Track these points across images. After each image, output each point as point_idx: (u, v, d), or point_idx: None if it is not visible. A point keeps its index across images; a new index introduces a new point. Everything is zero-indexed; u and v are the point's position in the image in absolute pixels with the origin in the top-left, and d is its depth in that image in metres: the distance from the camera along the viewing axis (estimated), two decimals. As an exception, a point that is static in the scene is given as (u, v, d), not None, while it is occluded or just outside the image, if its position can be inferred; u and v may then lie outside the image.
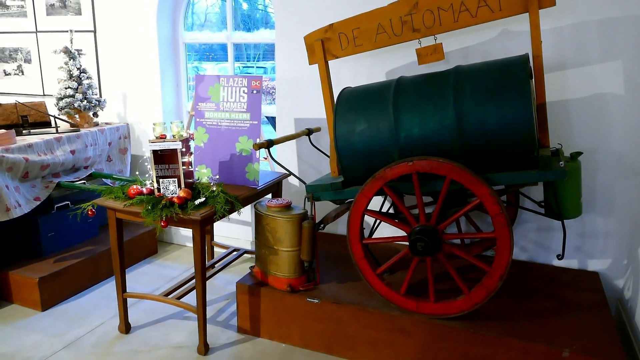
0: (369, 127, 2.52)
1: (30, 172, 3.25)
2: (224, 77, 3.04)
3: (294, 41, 3.46)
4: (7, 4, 4.46)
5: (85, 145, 3.65)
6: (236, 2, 15.62)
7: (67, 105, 3.74)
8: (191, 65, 13.89)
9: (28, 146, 3.26)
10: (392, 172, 2.40)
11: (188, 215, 2.51)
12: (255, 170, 2.99)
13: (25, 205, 3.20)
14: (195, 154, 3.10)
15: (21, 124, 3.74)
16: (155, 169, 2.67)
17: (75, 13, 4.18)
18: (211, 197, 2.67)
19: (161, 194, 2.68)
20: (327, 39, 2.82)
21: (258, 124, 2.98)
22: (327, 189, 2.69)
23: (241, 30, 3.94)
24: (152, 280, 3.66)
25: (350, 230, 2.56)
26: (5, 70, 4.67)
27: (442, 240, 2.40)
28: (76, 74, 3.74)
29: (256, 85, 2.98)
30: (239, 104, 3.00)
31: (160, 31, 3.95)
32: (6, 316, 3.16)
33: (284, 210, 2.76)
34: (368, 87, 2.67)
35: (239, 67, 14.93)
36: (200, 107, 3.08)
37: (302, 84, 3.54)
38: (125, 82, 4.17)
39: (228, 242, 4.06)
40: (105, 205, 2.73)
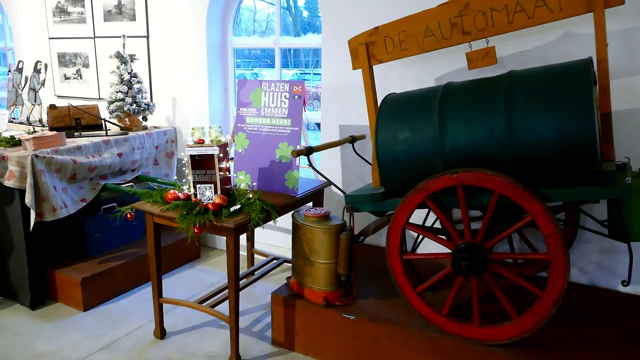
0: (412, 135, 2.37)
1: (78, 174, 3.32)
2: (265, 81, 2.97)
3: (340, 45, 3.36)
4: (68, 10, 4.64)
5: (132, 148, 3.70)
6: (297, 9, 15.40)
7: (117, 108, 3.82)
8: (250, 72, 13.97)
9: (77, 148, 3.33)
10: (436, 184, 2.24)
11: (222, 222, 2.46)
12: (295, 178, 2.90)
13: (72, 206, 3.27)
14: (235, 159, 3.05)
15: (74, 126, 3.85)
16: (193, 174, 2.63)
17: (130, 19, 4.27)
18: (247, 205, 2.60)
19: (197, 200, 2.64)
20: (371, 43, 2.70)
21: (299, 130, 2.89)
22: (366, 200, 2.56)
23: (295, 36, 3.88)
24: (192, 285, 3.64)
25: (389, 245, 2.41)
26: (66, 75, 4.85)
27: (489, 260, 2.21)
28: (127, 78, 3.81)
29: (298, 91, 2.89)
30: (280, 110, 2.92)
31: (209, 36, 3.96)
32: (50, 314, 3.23)
33: (322, 221, 2.65)
34: (413, 94, 2.53)
35: (297, 73, 15.02)
36: (241, 112, 3.03)
37: (348, 89, 3.42)
38: (174, 87, 4.22)
39: (270, 250, 4.00)
40: (143, 210, 2.72)
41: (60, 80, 4.91)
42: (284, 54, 3.91)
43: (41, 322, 3.12)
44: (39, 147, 3.15)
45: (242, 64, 14.44)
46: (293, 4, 14.44)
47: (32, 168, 3.02)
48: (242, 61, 14.50)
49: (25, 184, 3.02)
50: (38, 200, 3.07)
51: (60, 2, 4.66)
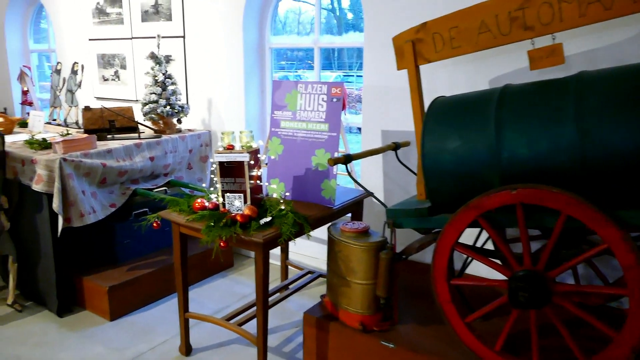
0: (463, 144, 2.09)
1: (107, 178, 3.20)
2: (302, 83, 2.76)
3: (384, 44, 3.10)
4: (107, 11, 4.58)
5: (164, 152, 3.56)
6: (341, 11, 15.10)
7: (151, 110, 3.69)
8: (294, 74, 13.79)
9: (107, 152, 3.21)
10: (490, 201, 1.95)
11: (250, 236, 2.25)
12: (332, 187, 2.67)
13: (100, 211, 3.15)
14: (269, 166, 2.85)
15: (108, 128, 3.75)
16: (221, 182, 2.44)
17: (167, 19, 4.16)
18: (278, 217, 2.38)
19: (226, 210, 2.45)
20: (418, 40, 2.43)
21: (336, 136, 2.65)
22: (410, 215, 2.29)
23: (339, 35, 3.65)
24: (223, 296, 3.47)
25: (435, 267, 2.14)
26: (104, 76, 4.80)
27: (552, 291, 1.90)
28: (161, 80, 3.68)
29: (336, 93, 2.66)
30: (317, 114, 2.70)
31: (245, 36, 3.79)
32: (77, 323, 3.12)
33: (360, 237, 2.40)
34: (465, 97, 2.24)
35: (340, 75, 14.76)
36: (275, 116, 2.83)
37: (392, 92, 3.16)
38: (210, 88, 4.07)
39: (306, 261, 3.78)
40: (168, 219, 2.55)
41: (99, 82, 4.86)
42: (327, 55, 3.69)
43: (66, 332, 3.01)
44: (68, 150, 3.05)
45: (287, 67, 14.33)
46: (337, 5, 14.24)
47: (60, 172, 2.92)
48: (287, 63, 14.39)
49: (53, 188, 2.92)
50: (66, 206, 2.96)
51: (100, 3, 4.61)
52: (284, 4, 3.50)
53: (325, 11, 14.90)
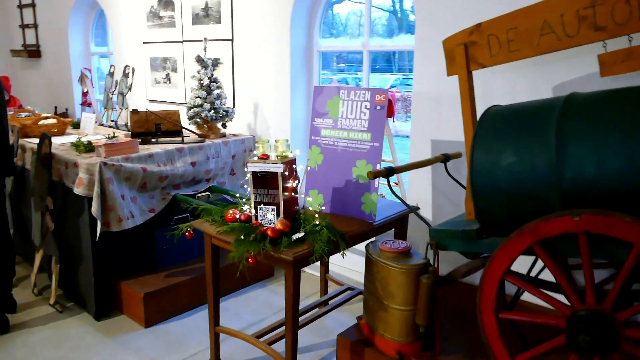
0: (519, 160, 1.84)
1: (148, 183, 3.17)
2: (344, 88, 2.58)
3: (436, 46, 2.87)
4: (160, 15, 4.60)
5: (207, 157, 3.49)
6: (403, 12, 14.81)
7: (195, 114, 3.64)
8: (351, 77, 13.57)
9: (148, 156, 3.17)
10: (549, 227, 1.70)
11: (279, 253, 2.10)
12: (373, 201, 2.48)
13: (139, 216, 3.11)
14: (308, 176, 2.69)
15: (154, 132, 3.74)
16: (254, 193, 2.31)
17: (216, 22, 4.11)
18: (312, 233, 2.22)
19: (258, 223, 2.32)
20: (472, 43, 2.20)
21: (379, 146, 2.46)
22: (456, 237, 2.07)
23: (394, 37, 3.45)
24: (260, 308, 3.35)
25: (482, 298, 1.90)
26: (156, 79, 4.83)
27: (620, 337, 1.62)
28: (206, 83, 3.62)
29: (380, 100, 2.47)
30: (360, 122, 2.52)
31: (293, 38, 3.66)
32: (112, 328, 3.09)
33: (400, 258, 2.20)
34: (523, 106, 1.99)
35: (399, 78, 14.39)
36: (316, 123, 2.67)
37: (443, 99, 2.93)
38: (256, 92, 3.97)
39: (348, 274, 3.61)
40: (200, 229, 2.45)
41: (151, 85, 4.91)
42: (388, 58, 3.50)
43: (102, 337, 2.99)
44: (110, 154, 3.04)
45: (347, 69, 14.12)
46: (399, 7, 13.91)
47: (100, 176, 2.90)
48: (347, 66, 14.18)
49: (93, 192, 2.91)
50: (104, 210, 2.94)
51: (154, 7, 4.64)
52: (346, 5, 3.30)
53: (387, 13, 14.60)
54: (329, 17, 8.33)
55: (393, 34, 13.48)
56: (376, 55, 3.47)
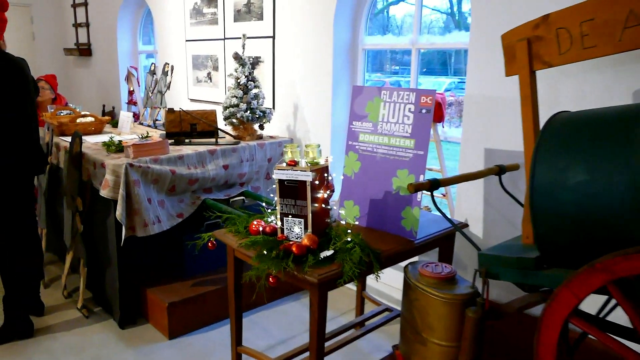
0: (591, 179, 1.52)
1: (177, 186, 3.01)
2: (386, 89, 2.31)
3: (493, 44, 2.55)
4: (203, 11, 4.48)
5: (240, 160, 3.31)
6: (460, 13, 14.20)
7: (231, 115, 3.46)
8: (405, 80, 13.26)
9: (178, 158, 3.02)
10: (630, 264, 1.37)
11: (303, 273, 1.86)
12: (414, 217, 2.19)
13: (166, 221, 2.96)
14: (343, 185, 2.44)
15: (189, 132, 3.60)
16: (280, 203, 2.08)
17: (258, 18, 3.92)
18: (343, 251, 1.97)
19: (284, 237, 2.09)
20: (537, 39, 1.88)
21: (424, 155, 2.17)
22: (510, 265, 1.76)
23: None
24: (291, 323, 3.12)
25: (540, 342, 1.58)
26: (198, 78, 4.72)
27: None
28: (243, 82, 3.44)
29: (426, 103, 2.18)
30: (402, 127, 2.24)
31: (336, 35, 3.42)
32: (136, 338, 2.95)
33: (443, 285, 1.91)
34: (597, 114, 1.66)
35: (454, 81, 13.83)
36: (354, 127, 2.41)
37: (499, 103, 2.60)
38: (297, 92, 3.76)
39: (387, 291, 3.32)
40: (222, 240, 2.25)
41: (193, 83, 4.79)
42: (444, 60, 3.20)
43: (123, 346, 2.85)
44: (139, 155, 2.90)
45: (400, 71, 13.73)
46: (457, 8, 13.39)
47: (126, 178, 2.76)
48: (401, 68, 13.79)
49: (118, 194, 2.77)
50: (130, 214, 2.80)
51: (197, 3, 4.52)
52: (402, 7, 3.01)
53: (444, 15, 14.07)
54: (384, 19, 7.96)
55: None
56: (431, 57, 3.17)
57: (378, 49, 3.50)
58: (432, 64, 16.44)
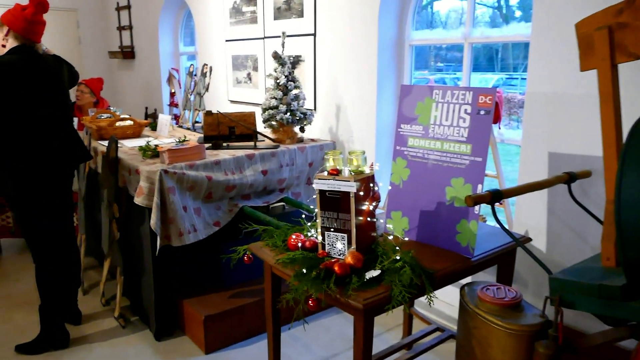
0: (699, 195, 1.24)
1: (214, 193, 2.87)
2: (439, 88, 2.08)
3: (560, 35, 2.27)
4: (243, 10, 4.34)
5: (280, 165, 3.14)
6: (508, 7, 13.73)
7: (270, 117, 3.30)
8: (450, 77, 12.70)
9: (215, 163, 2.87)
10: None
11: (346, 297, 1.65)
12: (471, 232, 1.95)
13: (202, 230, 2.82)
14: (390, 195, 2.22)
15: (228, 135, 3.46)
16: (322, 216, 1.89)
17: (298, 15, 3.75)
18: (391, 271, 1.75)
19: (325, 253, 1.89)
20: (620, 26, 1.60)
21: (482, 162, 1.93)
22: (590, 293, 1.50)
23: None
24: (333, 339, 2.93)
25: (631, 390, 1.32)
26: (237, 78, 4.59)
27: None
28: (283, 82, 3.26)
29: (486, 103, 1.93)
30: (457, 130, 2.00)
31: (381, 31, 3.19)
32: (171, 351, 2.83)
33: (507, 313, 1.66)
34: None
35: (502, 78, 13.21)
36: (402, 130, 2.19)
37: (568, 101, 2.31)
38: (339, 93, 3.55)
39: (440, 308, 3.07)
40: (258, 255, 2.07)
41: (232, 84, 4.67)
42: (490, 56, 2.95)
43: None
44: (174, 161, 2.77)
45: (445, 68, 13.24)
46: (504, 1, 12.79)
47: (160, 185, 2.64)
48: (446, 65, 13.29)
49: (153, 202, 2.65)
50: (165, 222, 2.68)
51: (237, 2, 4.39)
52: (446, 3, 2.77)
53: (490, 10, 13.47)
54: (428, 15, 7.61)
55: (496, 30, 12.37)
56: (477, 53, 2.92)
57: (426, 44, 3.25)
58: (478, 59, 15.78)
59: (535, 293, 2.56)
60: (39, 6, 2.54)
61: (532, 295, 2.56)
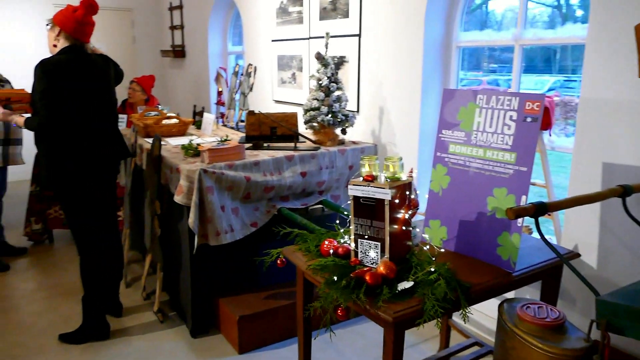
0: None
1: (252, 193, 2.87)
2: (483, 93, 1.98)
3: (618, 39, 2.11)
4: (289, 10, 4.34)
5: (319, 167, 3.10)
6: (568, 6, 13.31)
7: (311, 118, 3.27)
8: (504, 78, 12.35)
9: (254, 164, 2.87)
10: None
11: (376, 308, 1.60)
12: (513, 245, 1.85)
13: (239, 230, 2.83)
14: (429, 203, 2.14)
15: (269, 136, 3.46)
16: (355, 223, 1.84)
17: (343, 15, 3.70)
18: (425, 283, 1.68)
19: (358, 261, 1.84)
20: (685, 29, 1.47)
21: (527, 172, 1.82)
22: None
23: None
24: (367, 346, 2.87)
25: None
26: (282, 78, 4.60)
27: None
28: (325, 84, 3.23)
29: (533, 110, 1.82)
30: (501, 137, 1.90)
31: (427, 31, 3.10)
32: (206, 349, 2.85)
33: (548, 334, 1.56)
34: None
35: (560, 79, 12.63)
36: (443, 136, 2.11)
37: (624, 108, 2.16)
38: (383, 95, 3.48)
39: (479, 319, 2.95)
40: (290, 260, 2.05)
41: (277, 84, 4.68)
42: (547, 57, 2.83)
43: (193, 358, 2.76)
44: (214, 160, 2.79)
45: (499, 69, 12.81)
46: (564, 1, 12.26)
47: (199, 184, 2.66)
48: (499, 66, 12.85)
49: (191, 201, 2.68)
50: (203, 222, 2.70)
51: (283, 2, 4.39)
52: (502, 2, 2.62)
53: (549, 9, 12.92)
54: (483, 14, 7.38)
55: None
56: (534, 54, 2.77)
57: (475, 46, 3.13)
58: (534, 60, 15.15)
59: (583, 312, 2.41)
60: (89, 8, 2.61)
61: (580, 314, 2.41)
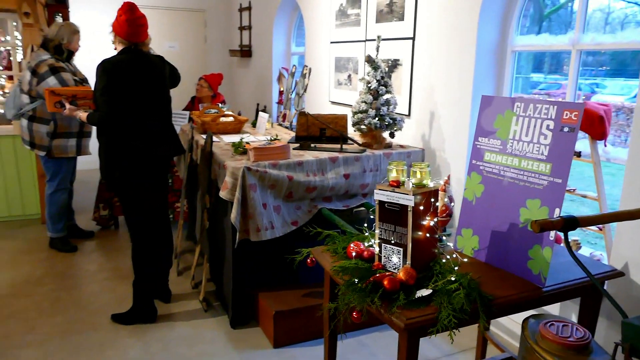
0: None
1: (294, 193, 2.93)
2: (520, 101, 1.92)
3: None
4: (348, 13, 4.37)
5: (363, 169, 3.11)
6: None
7: (359, 121, 3.29)
8: (587, 82, 11.69)
9: (297, 164, 2.94)
10: None
11: (390, 313, 1.60)
12: (544, 258, 1.78)
13: (280, 228, 2.90)
14: (462, 211, 2.10)
15: (318, 137, 3.52)
16: (380, 227, 1.85)
17: (399, 18, 3.68)
18: (443, 292, 1.66)
19: (380, 265, 1.85)
20: None
21: (562, 184, 1.75)
22: (666, 348, 1.29)
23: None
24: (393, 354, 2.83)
25: None
26: (339, 80, 4.64)
27: None
28: (374, 87, 3.23)
29: (570, 120, 1.74)
30: (537, 147, 1.83)
31: (481, 35, 3.02)
32: (244, 340, 2.95)
33: (570, 355, 1.49)
34: None
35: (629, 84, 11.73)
36: (479, 144, 2.06)
37: (684, 121, 2.00)
38: (434, 99, 3.43)
39: (515, 328, 2.84)
40: (318, 260, 2.08)
41: (334, 86, 4.73)
42: (622, 59, 2.72)
43: (231, 348, 2.87)
44: (259, 159, 2.88)
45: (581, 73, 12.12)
46: (658, 1, 11.37)
47: (243, 181, 2.76)
48: (583, 69, 12.16)
49: (235, 197, 2.78)
50: (244, 217, 2.80)
51: (343, 4, 4.43)
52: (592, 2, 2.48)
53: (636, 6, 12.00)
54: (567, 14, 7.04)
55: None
56: (624, 56, 2.60)
57: (530, 50, 3.01)
58: (624, 64, 14.06)
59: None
60: (128, 11, 2.78)
61: (618, 335, 2.26)
